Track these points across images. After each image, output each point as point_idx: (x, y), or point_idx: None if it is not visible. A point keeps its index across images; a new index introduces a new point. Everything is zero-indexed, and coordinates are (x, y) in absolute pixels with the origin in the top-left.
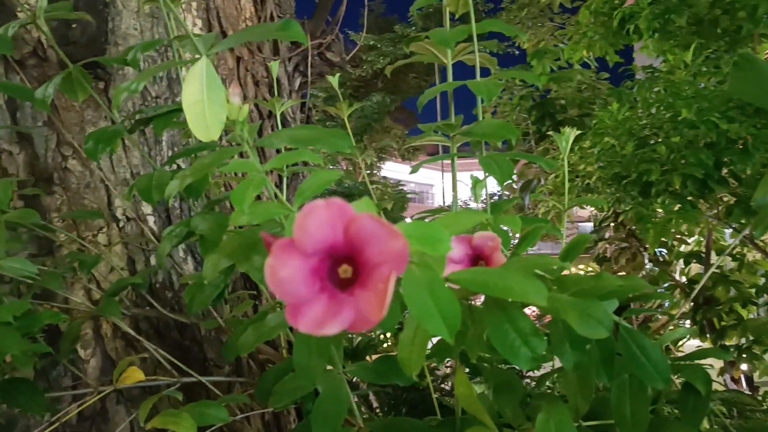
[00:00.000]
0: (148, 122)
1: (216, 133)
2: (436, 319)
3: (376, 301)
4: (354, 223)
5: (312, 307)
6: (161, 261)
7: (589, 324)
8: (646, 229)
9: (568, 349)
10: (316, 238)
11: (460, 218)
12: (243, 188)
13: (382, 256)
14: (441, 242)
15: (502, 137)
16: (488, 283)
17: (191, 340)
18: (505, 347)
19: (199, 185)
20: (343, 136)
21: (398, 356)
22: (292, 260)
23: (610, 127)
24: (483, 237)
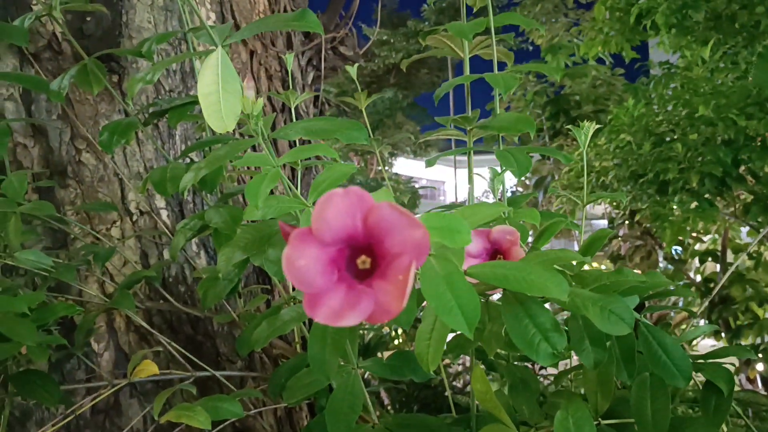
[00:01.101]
0: (162, 115)
1: (231, 124)
2: (455, 313)
3: (396, 292)
4: (373, 212)
5: (330, 297)
6: (175, 254)
7: (610, 320)
8: (662, 227)
9: (588, 346)
10: (334, 228)
11: (479, 210)
12: (257, 182)
13: (402, 246)
14: (460, 233)
15: (520, 130)
16: (508, 277)
17: (204, 335)
18: (525, 343)
19: (214, 178)
20: (359, 127)
21: (415, 351)
22: (310, 249)
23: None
24: (501, 231)
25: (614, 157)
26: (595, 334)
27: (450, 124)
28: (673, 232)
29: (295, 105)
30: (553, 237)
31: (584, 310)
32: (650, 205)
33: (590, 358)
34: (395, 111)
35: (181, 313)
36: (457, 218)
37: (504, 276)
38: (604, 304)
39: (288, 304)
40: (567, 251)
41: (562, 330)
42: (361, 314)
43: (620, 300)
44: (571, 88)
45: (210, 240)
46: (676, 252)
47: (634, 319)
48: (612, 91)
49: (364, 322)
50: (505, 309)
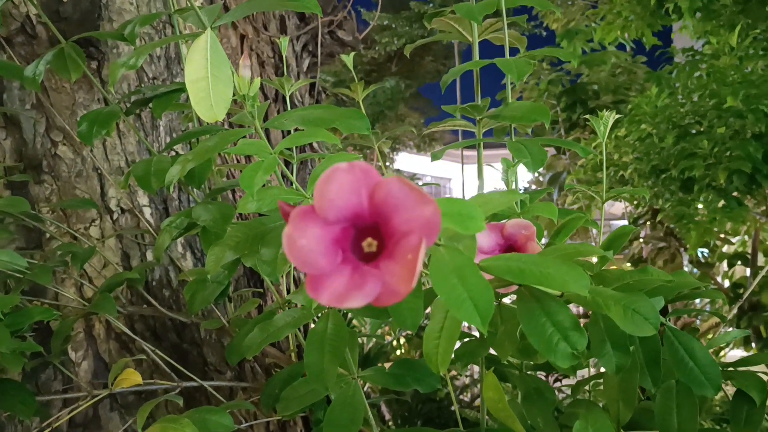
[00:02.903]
0: (145, 104)
1: (221, 113)
2: (467, 306)
3: (404, 273)
4: (380, 188)
5: (334, 279)
6: (159, 255)
7: (634, 320)
8: (687, 228)
9: (610, 350)
10: (338, 205)
11: (492, 198)
12: (252, 171)
13: (411, 224)
14: (473, 219)
15: (534, 120)
16: (524, 271)
17: (190, 343)
18: (542, 342)
19: (202, 171)
20: (360, 116)
21: (423, 350)
22: (312, 228)
23: (648, 114)
24: (516, 225)
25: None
26: (618, 336)
27: (458, 113)
28: (699, 233)
29: (290, 93)
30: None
31: (606, 309)
32: (673, 203)
33: (612, 363)
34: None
35: (165, 319)
36: (470, 203)
37: (519, 269)
38: (627, 302)
39: (282, 309)
40: (587, 245)
41: (583, 329)
42: (367, 296)
43: (645, 299)
44: (588, 77)
45: (197, 240)
46: (702, 255)
47: (659, 319)
48: (633, 79)
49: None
50: (520, 306)
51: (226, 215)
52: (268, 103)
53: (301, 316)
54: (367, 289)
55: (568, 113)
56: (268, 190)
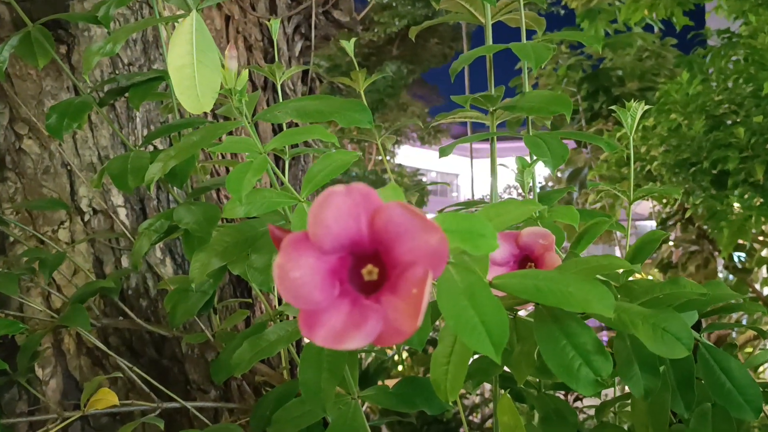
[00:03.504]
0: (121, 93)
1: (208, 104)
2: (479, 332)
3: (409, 309)
4: (381, 214)
5: (331, 315)
6: (137, 261)
7: (664, 340)
8: (719, 227)
9: (638, 372)
10: (335, 232)
11: (506, 209)
12: (241, 172)
13: (416, 254)
14: (484, 238)
15: (555, 112)
16: (541, 289)
17: (170, 359)
18: (562, 368)
19: (185, 169)
20: (362, 109)
21: (431, 377)
22: (307, 258)
23: (679, 103)
24: (532, 234)
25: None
26: (646, 357)
27: (468, 103)
28: (732, 232)
29: (282, 81)
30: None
31: (633, 328)
32: (704, 199)
33: (640, 386)
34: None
35: (143, 332)
36: (481, 219)
37: (536, 288)
38: (656, 321)
39: (273, 321)
40: (612, 257)
41: (607, 352)
42: (367, 335)
43: (676, 316)
44: (612, 62)
45: (177, 245)
46: (738, 259)
47: (693, 338)
48: (662, 64)
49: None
50: (538, 328)
51: (211, 217)
52: (258, 94)
53: (295, 329)
54: (367, 328)
55: (590, 102)
56: (257, 192)
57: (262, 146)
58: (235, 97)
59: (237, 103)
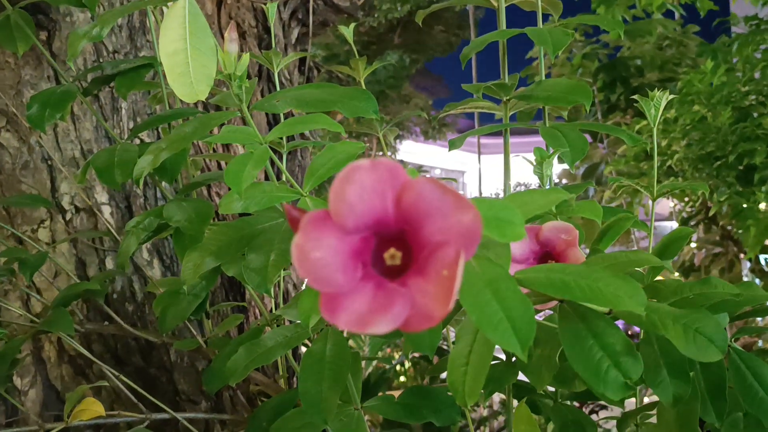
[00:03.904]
0: (106, 82)
1: (203, 92)
2: (503, 327)
3: (440, 292)
4: (409, 190)
5: (354, 298)
6: (124, 262)
7: (696, 342)
8: (745, 227)
9: (666, 377)
10: (359, 210)
11: (531, 198)
12: (240, 165)
13: (447, 234)
14: (513, 225)
15: (573, 102)
16: (569, 285)
17: (159, 367)
18: (589, 370)
19: (175, 163)
20: (366, 97)
21: (448, 379)
22: (328, 238)
23: (702, 94)
24: (554, 228)
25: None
26: (676, 361)
27: (480, 93)
28: (759, 232)
29: (278, 70)
30: None
31: (663, 328)
32: (729, 197)
33: (669, 393)
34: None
35: (129, 339)
36: (509, 206)
37: (563, 283)
38: (688, 321)
39: (270, 326)
40: (641, 253)
41: (637, 354)
42: (394, 319)
43: (710, 317)
44: (630, 51)
45: (165, 245)
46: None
47: (726, 341)
48: (683, 53)
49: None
50: (563, 327)
51: (203, 215)
52: (255, 82)
53: (294, 335)
54: (394, 312)
55: (607, 93)
56: (256, 186)
57: (262, 136)
58: (234, 84)
59: (237, 89)
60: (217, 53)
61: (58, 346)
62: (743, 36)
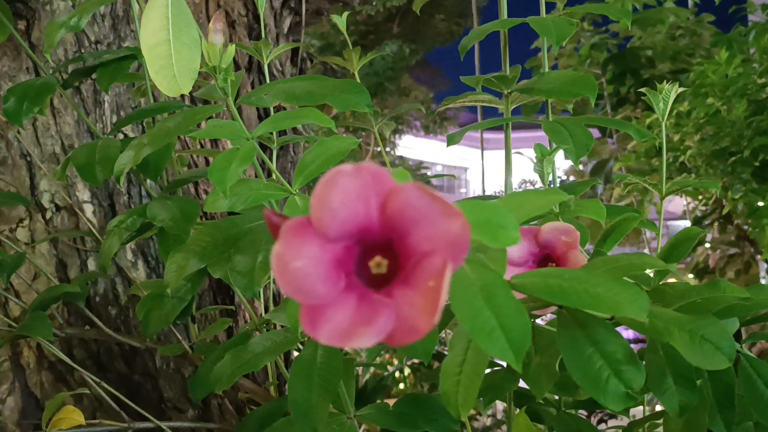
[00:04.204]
0: (87, 74)
1: (187, 85)
2: (497, 336)
3: (426, 303)
4: (395, 197)
5: (336, 310)
6: (106, 263)
7: (703, 349)
8: (761, 226)
9: (672, 386)
10: (341, 217)
11: (527, 199)
12: (225, 161)
13: (434, 242)
14: (505, 229)
15: (577, 95)
16: (566, 290)
17: (142, 374)
18: (588, 379)
19: (159, 159)
20: (359, 90)
21: (441, 389)
22: (309, 247)
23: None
24: (554, 230)
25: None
26: (682, 369)
27: (479, 85)
28: None
29: (269, 61)
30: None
31: (668, 335)
32: (745, 194)
33: (675, 402)
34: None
35: (112, 344)
36: (501, 209)
37: (560, 288)
38: (694, 327)
39: (259, 331)
40: (644, 256)
41: (639, 362)
42: (378, 332)
43: (716, 322)
44: (641, 40)
45: (150, 245)
46: None
47: (734, 348)
48: (697, 43)
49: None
50: (561, 334)
51: (189, 214)
52: (242, 74)
53: (284, 340)
54: (378, 324)
55: (616, 86)
56: (243, 183)
57: (249, 132)
58: (219, 76)
59: (222, 82)
60: (202, 44)
61: (38, 351)
62: (760, 25)
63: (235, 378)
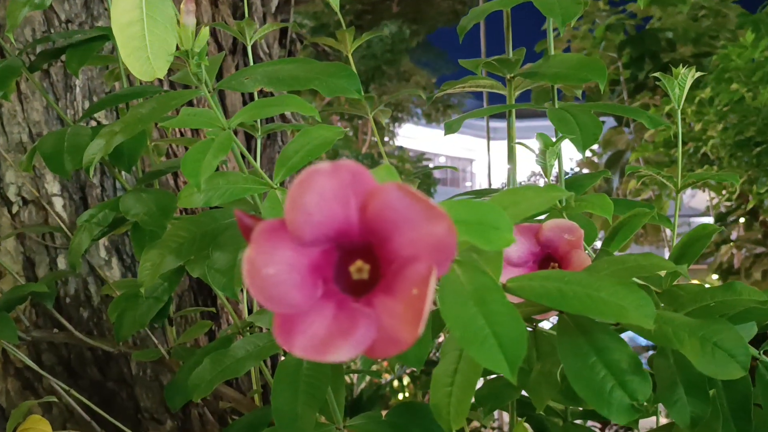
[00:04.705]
0: (57, 56)
1: (161, 68)
2: (490, 345)
3: (408, 313)
4: (375, 198)
5: (313, 320)
6: (75, 261)
7: (715, 357)
8: None
9: (683, 396)
10: (317, 220)
11: (524, 196)
12: (199, 152)
13: (417, 247)
14: (498, 231)
15: (585, 80)
16: (566, 294)
17: (117, 381)
18: (590, 390)
19: (133, 148)
20: (347, 74)
21: (431, 400)
22: (283, 252)
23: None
24: (557, 228)
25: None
26: (694, 378)
27: (481, 69)
28: None
29: (253, 42)
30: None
31: (677, 342)
32: None
33: (686, 413)
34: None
35: (83, 349)
36: (494, 208)
37: (560, 292)
38: (706, 333)
39: (242, 334)
40: (652, 256)
41: (645, 372)
42: (357, 344)
43: (730, 328)
44: (661, 21)
45: (125, 244)
46: None
47: (749, 356)
48: (722, 24)
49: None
50: (561, 342)
51: (165, 208)
52: (222, 56)
53: (267, 344)
54: (357, 336)
55: (634, 70)
56: (220, 177)
57: (226, 121)
58: (192, 61)
59: (195, 68)
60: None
61: (4, 357)
62: None
63: (214, 385)
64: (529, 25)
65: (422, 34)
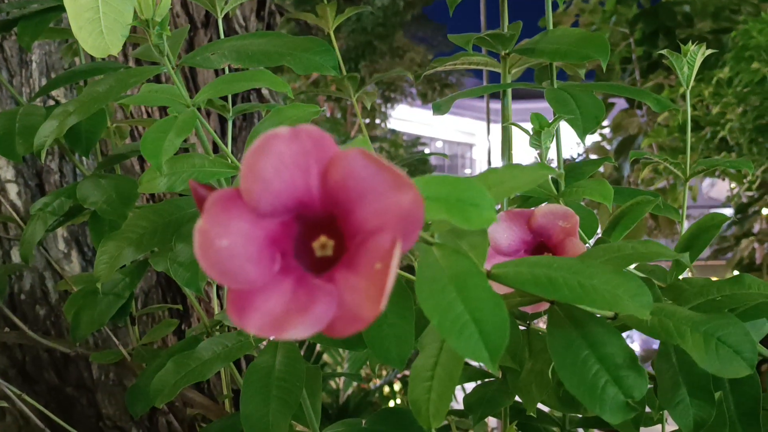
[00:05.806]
0: (9, 28)
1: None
2: (469, 333)
3: (371, 288)
4: (338, 165)
5: (268, 296)
6: (28, 253)
7: (719, 354)
8: None
9: (686, 397)
10: (275, 188)
11: (511, 174)
12: (159, 132)
13: (382, 218)
14: (478, 208)
15: (586, 57)
16: (556, 282)
17: (77, 386)
18: (582, 386)
19: (92, 130)
20: (323, 49)
21: (409, 396)
22: (238, 222)
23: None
24: (550, 213)
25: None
26: (698, 378)
27: (471, 45)
28: None
29: (224, 14)
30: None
31: (679, 337)
32: None
33: (689, 416)
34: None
35: (40, 350)
36: (473, 184)
37: (549, 280)
38: (710, 328)
39: (210, 334)
40: (652, 244)
41: (642, 368)
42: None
43: (737, 323)
44: None
45: (86, 235)
46: None
47: (757, 353)
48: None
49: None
50: (551, 334)
51: (126, 195)
52: (187, 29)
53: (237, 345)
54: (315, 312)
55: (647, 47)
56: (185, 159)
57: (190, 98)
58: (153, 32)
59: (156, 39)
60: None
61: None
62: None
63: (179, 389)
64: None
65: (418, 6)
